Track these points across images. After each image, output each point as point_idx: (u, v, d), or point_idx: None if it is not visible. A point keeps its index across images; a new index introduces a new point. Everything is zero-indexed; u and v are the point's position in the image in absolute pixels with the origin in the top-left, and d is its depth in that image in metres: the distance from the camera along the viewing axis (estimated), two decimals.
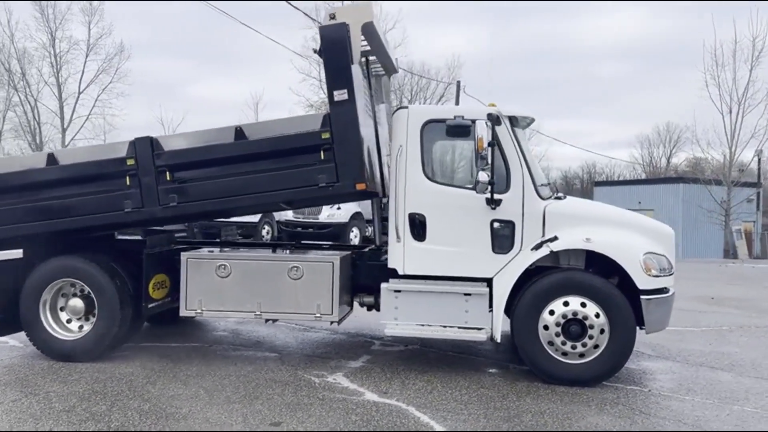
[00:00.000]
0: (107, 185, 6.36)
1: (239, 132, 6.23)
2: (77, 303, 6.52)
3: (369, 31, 6.36)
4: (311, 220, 18.36)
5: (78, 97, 45.26)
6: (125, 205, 6.29)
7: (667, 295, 6.00)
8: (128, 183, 6.30)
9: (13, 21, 43.25)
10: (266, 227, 19.38)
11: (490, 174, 5.76)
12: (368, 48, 6.92)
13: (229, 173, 6.21)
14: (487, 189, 5.79)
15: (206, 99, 57.83)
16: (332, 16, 6.05)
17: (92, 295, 6.40)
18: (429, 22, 61.59)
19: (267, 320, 6.60)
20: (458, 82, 34.62)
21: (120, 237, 7.58)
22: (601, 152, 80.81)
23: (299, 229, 18.49)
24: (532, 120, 6.92)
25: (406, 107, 6.36)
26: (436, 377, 6.04)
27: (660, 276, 5.92)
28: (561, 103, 76.75)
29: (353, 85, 5.95)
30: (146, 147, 6.27)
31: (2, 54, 42.83)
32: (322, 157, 6.05)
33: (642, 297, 5.82)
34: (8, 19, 45.64)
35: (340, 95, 5.97)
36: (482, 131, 5.68)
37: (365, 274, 6.63)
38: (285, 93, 71.10)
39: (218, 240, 8.24)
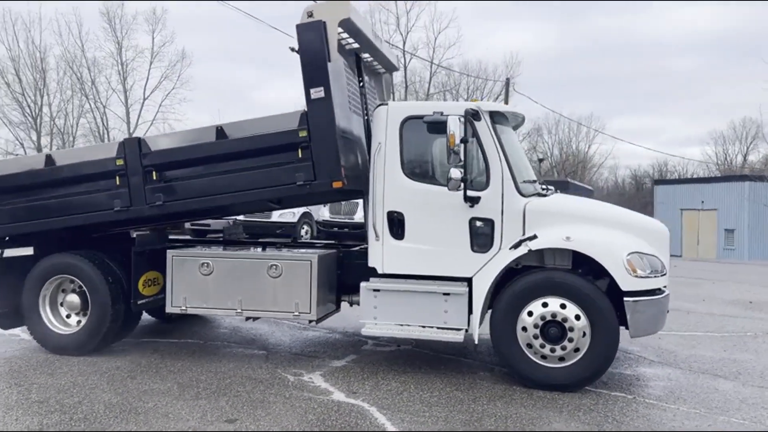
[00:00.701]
0: (99, 185, 6.57)
1: (220, 131, 6.30)
2: (74, 299, 6.75)
3: (351, 28, 6.31)
4: (346, 220, 18.44)
5: (143, 102, 47.17)
6: (115, 204, 6.47)
7: (657, 297, 5.68)
8: (118, 183, 6.48)
9: (83, 32, 45.32)
10: (305, 227, 19.64)
11: (463, 170, 5.61)
12: (356, 45, 6.88)
13: (211, 172, 6.30)
14: (459, 186, 5.64)
15: (271, 103, 59.23)
16: (309, 14, 6.02)
17: (86, 291, 6.63)
18: (489, 19, 61.00)
19: (248, 318, 6.66)
20: (507, 79, 34.05)
21: (131, 234, 7.79)
22: (671, 150, 77.89)
23: (335, 228, 18.61)
24: (522, 118, 6.73)
25: (386, 104, 6.27)
26: (414, 378, 5.93)
27: (648, 277, 5.61)
28: (631, 99, 74.50)
29: (329, 82, 5.91)
30: (134, 147, 6.44)
31: (74, 64, 45.06)
32: (300, 155, 6.05)
33: (625, 299, 5.52)
34: (79, 31, 48.05)
35: (317, 93, 5.95)
36: (454, 127, 5.53)
37: (353, 273, 6.55)
38: None
39: (221, 239, 8.39)
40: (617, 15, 67.44)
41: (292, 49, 6.12)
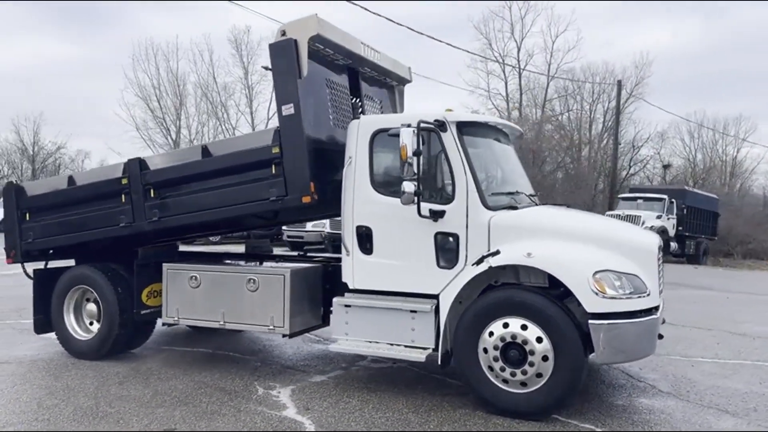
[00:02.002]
0: (109, 202, 7.08)
1: (205, 150, 6.59)
2: (92, 307, 7.32)
3: (326, 43, 6.33)
4: None
5: (267, 123, 50.08)
6: (120, 220, 6.95)
7: (637, 320, 5.12)
8: (123, 200, 6.96)
9: (214, 58, 48.89)
10: None
11: (416, 184, 5.42)
12: (348, 62, 6.90)
13: (196, 190, 6.58)
14: (413, 200, 5.45)
15: None
16: (283, 33, 6.14)
17: (98, 300, 7.18)
18: (616, 20, 58.02)
19: (229, 330, 6.84)
20: (619, 81, 32.29)
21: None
22: None
23: None
24: (515, 130, 6.39)
25: (358, 118, 6.22)
26: (380, 398, 5.78)
27: (622, 297, 5.08)
28: None
29: (299, 99, 5.99)
30: (136, 166, 6.89)
31: (208, 89, 48.73)
32: (273, 171, 6.16)
33: (590, 321, 5.04)
34: (210, 57, 51.88)
35: (287, 110, 6.04)
36: (406, 139, 5.37)
37: (339, 287, 6.54)
38: (455, 106, 71.31)
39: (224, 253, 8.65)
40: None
41: (266, 68, 6.26)
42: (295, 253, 7.83)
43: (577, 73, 42.06)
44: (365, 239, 5.95)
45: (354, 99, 7.21)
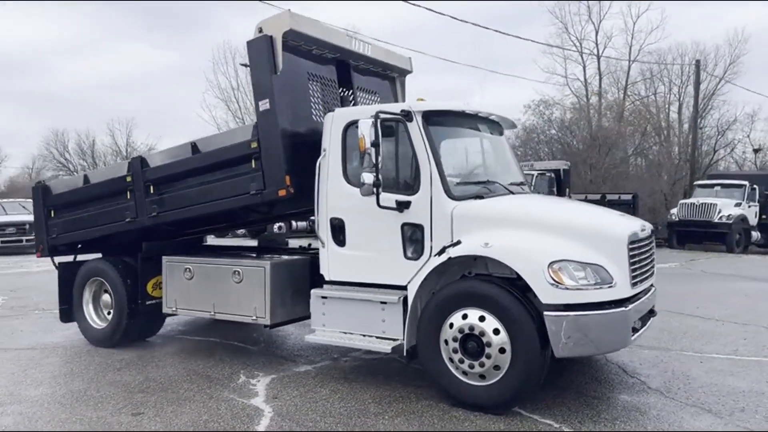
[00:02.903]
0: (117, 199, 7.49)
1: (194, 147, 6.84)
2: (107, 298, 7.78)
3: (302, 37, 6.39)
4: None
5: None
6: (126, 215, 7.34)
7: (595, 312, 4.89)
8: (128, 197, 7.34)
9: None
10: None
11: (375, 175, 5.40)
12: (335, 55, 6.95)
13: (189, 185, 6.86)
14: (372, 191, 5.43)
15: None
16: (260, 30, 6.28)
17: (110, 291, 7.62)
18: None
19: (219, 320, 7.07)
20: (697, 61, 30.33)
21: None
22: None
23: None
24: (501, 119, 6.24)
25: (333, 110, 6.25)
26: (353, 388, 5.83)
27: (583, 288, 4.87)
28: None
29: (275, 94, 6.11)
30: (138, 164, 7.25)
31: None
32: (253, 165, 6.32)
33: (546, 313, 4.86)
34: None
35: (263, 105, 6.18)
36: (364, 130, 5.37)
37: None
38: (530, 94, 69.38)
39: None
40: None
41: (244, 65, 6.41)
42: (297, 246, 7.96)
43: (663, 54, 39.99)
44: (338, 231, 5.99)
45: (344, 91, 7.26)
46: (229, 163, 6.52)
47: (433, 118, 5.76)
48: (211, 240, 9.79)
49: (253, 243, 9.92)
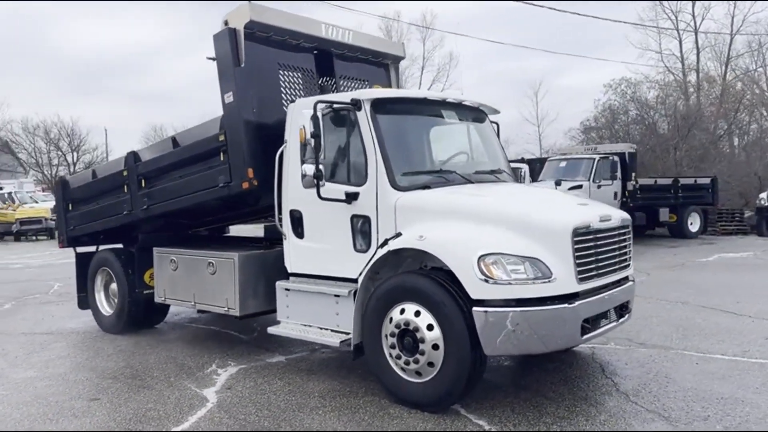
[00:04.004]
0: (116, 192, 7.82)
1: (174, 140, 7.00)
2: (114, 287, 8.17)
3: (267, 27, 6.36)
4: None
5: None
6: (124, 208, 7.66)
7: (529, 309, 4.57)
8: (125, 190, 7.65)
9: None
10: None
11: (315, 166, 5.30)
12: (313, 44, 6.89)
13: (172, 178, 7.04)
14: (313, 183, 5.33)
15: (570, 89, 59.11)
16: (225, 23, 6.32)
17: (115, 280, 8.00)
18: None
19: (199, 311, 7.20)
20: None
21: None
22: None
23: None
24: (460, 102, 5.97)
25: (294, 101, 6.18)
26: (308, 380, 5.81)
27: (513, 283, 4.56)
28: None
29: (237, 86, 6.14)
30: (131, 159, 7.53)
31: None
32: (221, 158, 6.40)
33: (474, 309, 4.60)
34: None
35: (228, 98, 6.22)
36: (303, 119, 5.28)
37: None
38: (622, 71, 65.84)
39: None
40: None
41: (210, 58, 6.46)
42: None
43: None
44: (297, 223, 5.95)
45: (327, 80, 7.18)
46: (202, 156, 6.63)
47: (385, 107, 5.58)
48: (234, 230, 9.99)
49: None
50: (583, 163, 18.60)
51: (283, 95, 6.60)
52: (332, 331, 5.69)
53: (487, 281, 4.56)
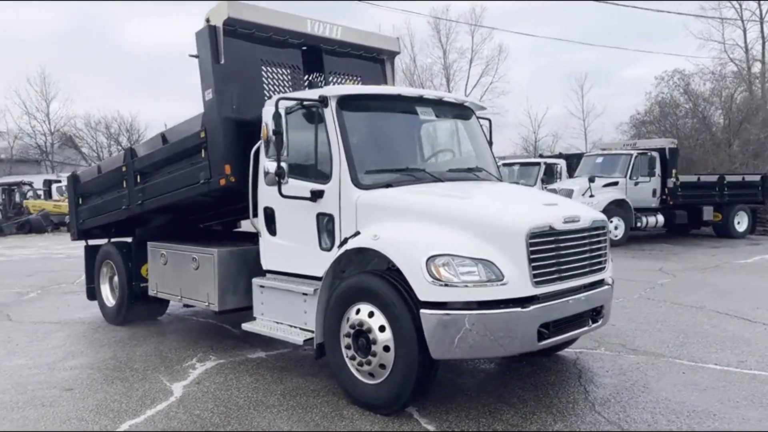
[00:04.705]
0: (117, 188, 8.02)
1: (163, 137, 7.11)
2: (116, 279, 8.39)
3: (255, 24, 6.37)
4: None
5: None
6: (123, 203, 7.85)
7: (476, 312, 4.41)
8: (124, 186, 7.83)
9: (415, 42, 50.37)
10: None
11: (277, 164, 5.27)
12: (299, 40, 6.88)
13: (161, 174, 7.17)
14: (275, 180, 5.30)
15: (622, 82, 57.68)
16: (207, 20, 6.36)
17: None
18: None
19: (185, 305, 7.29)
20: None
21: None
22: None
23: None
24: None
25: (271, 97, 6.17)
26: (276, 378, 5.81)
27: (461, 286, 4.41)
28: None
29: (214, 83, 6.18)
30: (129, 155, 7.70)
31: (407, 73, 50.51)
32: (203, 155, 6.46)
33: (422, 311, 4.48)
34: (411, 42, 53.13)
35: (208, 94, 6.28)
36: (267, 116, 5.27)
37: None
38: (682, 63, 63.17)
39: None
40: None
41: (192, 56, 6.51)
42: None
43: None
44: (270, 220, 5.95)
45: (316, 76, 7.16)
46: (186, 153, 6.71)
47: (353, 103, 5.50)
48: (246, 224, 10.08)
49: None
50: (620, 159, 18.00)
51: (266, 92, 6.60)
52: (300, 329, 5.67)
53: (435, 283, 4.44)
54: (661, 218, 17.94)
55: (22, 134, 51.23)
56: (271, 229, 5.94)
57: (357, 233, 5.07)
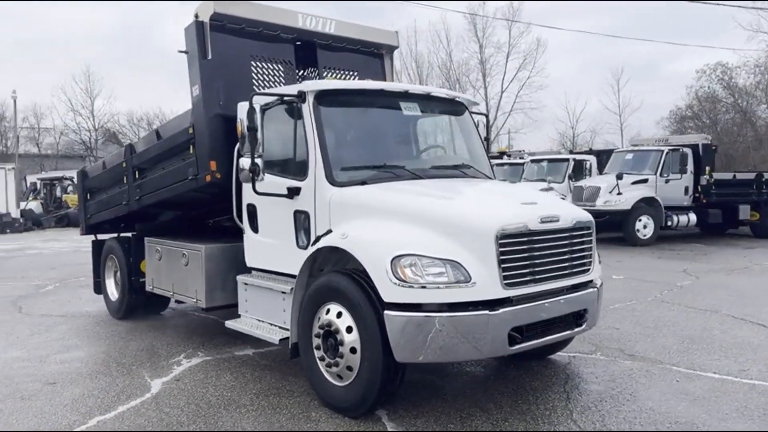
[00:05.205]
0: (119, 184, 8.09)
1: (157, 133, 7.13)
2: (119, 273, 8.49)
3: (243, 19, 6.32)
4: (588, 207, 16.59)
5: (501, 95, 49.72)
6: (124, 199, 7.91)
7: (441, 315, 4.25)
8: (125, 181, 7.90)
9: (450, 37, 49.98)
10: None
11: (252, 161, 5.20)
12: (291, 35, 6.80)
13: (155, 170, 7.20)
14: (250, 177, 5.23)
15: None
16: (196, 16, 6.34)
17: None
18: None
19: (176, 301, 7.29)
20: None
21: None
22: None
23: None
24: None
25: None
26: (256, 377, 5.75)
27: (426, 287, 4.26)
28: None
29: (202, 79, 6.16)
30: (129, 151, 7.75)
31: (443, 68, 50.24)
32: (191, 151, 6.45)
33: (386, 312, 4.34)
34: (447, 36, 52.71)
35: (195, 90, 6.26)
36: (241, 113, 5.20)
37: None
38: (728, 56, 60.88)
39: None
40: None
41: (182, 51, 6.49)
42: None
43: None
44: (252, 217, 5.90)
45: (311, 71, 7.07)
46: (177, 149, 6.72)
47: (332, 99, 5.39)
48: None
49: None
50: (650, 156, 17.43)
51: (255, 88, 6.54)
52: (279, 327, 5.61)
53: (400, 284, 4.30)
54: (693, 217, 17.31)
55: (68, 131, 52.80)
56: (254, 226, 5.89)
57: (329, 231, 4.97)
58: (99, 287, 9.00)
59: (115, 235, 8.61)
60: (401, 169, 5.41)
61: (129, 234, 8.45)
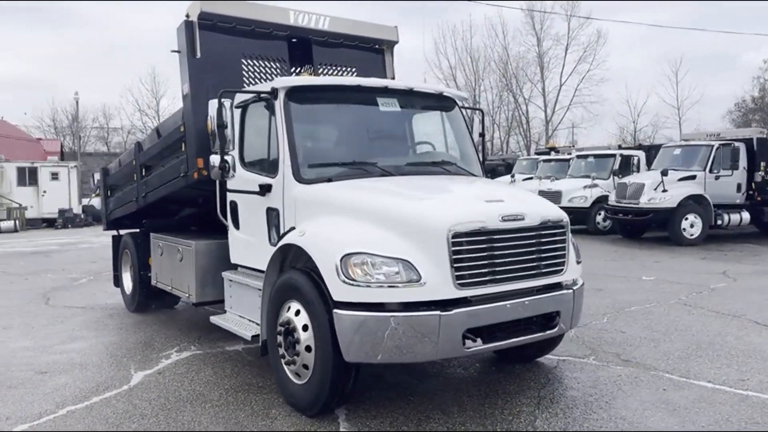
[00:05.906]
0: (131, 181, 8.33)
1: (158, 131, 7.29)
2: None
3: (232, 17, 6.38)
4: (631, 205, 16.07)
5: (559, 89, 48.58)
6: (134, 196, 8.15)
7: (389, 314, 4.16)
8: (135, 179, 8.13)
9: (507, 31, 49.22)
10: (601, 212, 18.13)
11: (221, 158, 5.23)
12: (284, 32, 6.82)
13: (156, 167, 7.37)
14: (220, 175, 5.26)
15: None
16: (187, 15, 6.44)
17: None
18: None
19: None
20: None
21: None
22: None
23: (620, 215, 16.49)
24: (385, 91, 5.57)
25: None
26: (237, 373, 5.82)
27: (375, 286, 4.18)
28: None
29: (192, 78, 6.26)
30: (137, 149, 7.98)
31: (500, 62, 49.66)
32: (183, 148, 6.57)
33: (334, 311, 4.27)
34: (503, 30, 51.72)
35: (185, 89, 6.37)
36: (212, 110, 5.24)
37: None
38: None
39: None
40: None
41: (174, 51, 6.60)
42: None
43: None
44: (234, 214, 5.94)
45: (305, 68, 7.07)
46: (173, 146, 6.86)
47: (303, 95, 5.38)
48: None
49: None
50: (699, 151, 16.56)
51: (246, 85, 6.58)
52: (256, 324, 5.62)
53: (349, 282, 4.23)
54: (746, 216, 16.37)
55: (135, 130, 54.96)
56: (236, 224, 5.94)
57: (292, 228, 4.94)
58: (117, 280, 9.30)
59: (130, 231, 8.86)
60: (372, 166, 5.33)
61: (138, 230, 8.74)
